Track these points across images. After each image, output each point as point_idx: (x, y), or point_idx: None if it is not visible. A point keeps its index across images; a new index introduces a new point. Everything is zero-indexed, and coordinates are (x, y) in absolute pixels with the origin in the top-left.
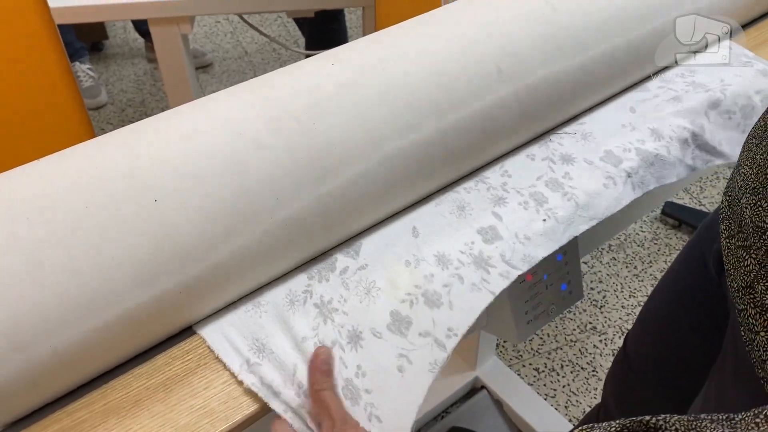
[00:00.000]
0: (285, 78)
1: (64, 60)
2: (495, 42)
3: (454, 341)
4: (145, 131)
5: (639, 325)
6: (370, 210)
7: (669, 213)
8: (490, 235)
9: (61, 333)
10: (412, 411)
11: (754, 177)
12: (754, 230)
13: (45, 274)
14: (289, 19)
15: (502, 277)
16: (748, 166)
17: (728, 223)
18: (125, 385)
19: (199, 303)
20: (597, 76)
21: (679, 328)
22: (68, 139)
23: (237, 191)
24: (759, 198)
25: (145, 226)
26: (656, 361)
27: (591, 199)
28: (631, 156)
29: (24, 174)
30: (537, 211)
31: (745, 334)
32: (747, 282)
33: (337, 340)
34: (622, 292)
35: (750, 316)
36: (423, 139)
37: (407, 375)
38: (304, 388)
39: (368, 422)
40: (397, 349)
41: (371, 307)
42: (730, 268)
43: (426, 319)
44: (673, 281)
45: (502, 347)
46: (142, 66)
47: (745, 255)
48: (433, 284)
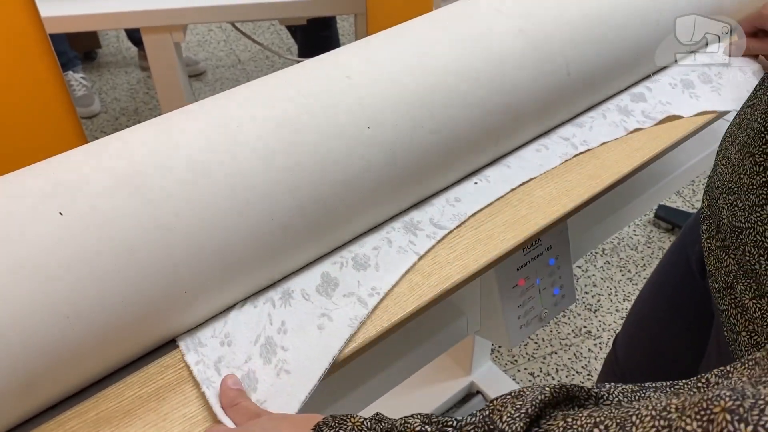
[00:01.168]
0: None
1: (56, 69)
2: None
3: (376, 299)
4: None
5: (627, 328)
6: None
7: (662, 216)
8: (422, 203)
9: (52, 341)
10: (326, 360)
11: (729, 177)
12: (731, 230)
13: (37, 279)
14: (281, 27)
15: (428, 238)
16: (724, 165)
17: (708, 224)
18: (117, 395)
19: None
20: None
21: (666, 330)
22: (61, 148)
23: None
24: (734, 198)
25: (142, 234)
26: (645, 363)
27: (524, 162)
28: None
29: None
30: (470, 178)
31: (727, 334)
32: (727, 282)
33: (271, 297)
34: (616, 296)
35: (731, 316)
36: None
37: (326, 331)
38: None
39: (277, 378)
40: (320, 310)
41: (306, 268)
42: (711, 269)
43: (352, 281)
44: (658, 283)
45: (497, 352)
46: (135, 74)
47: (724, 255)
48: (364, 248)
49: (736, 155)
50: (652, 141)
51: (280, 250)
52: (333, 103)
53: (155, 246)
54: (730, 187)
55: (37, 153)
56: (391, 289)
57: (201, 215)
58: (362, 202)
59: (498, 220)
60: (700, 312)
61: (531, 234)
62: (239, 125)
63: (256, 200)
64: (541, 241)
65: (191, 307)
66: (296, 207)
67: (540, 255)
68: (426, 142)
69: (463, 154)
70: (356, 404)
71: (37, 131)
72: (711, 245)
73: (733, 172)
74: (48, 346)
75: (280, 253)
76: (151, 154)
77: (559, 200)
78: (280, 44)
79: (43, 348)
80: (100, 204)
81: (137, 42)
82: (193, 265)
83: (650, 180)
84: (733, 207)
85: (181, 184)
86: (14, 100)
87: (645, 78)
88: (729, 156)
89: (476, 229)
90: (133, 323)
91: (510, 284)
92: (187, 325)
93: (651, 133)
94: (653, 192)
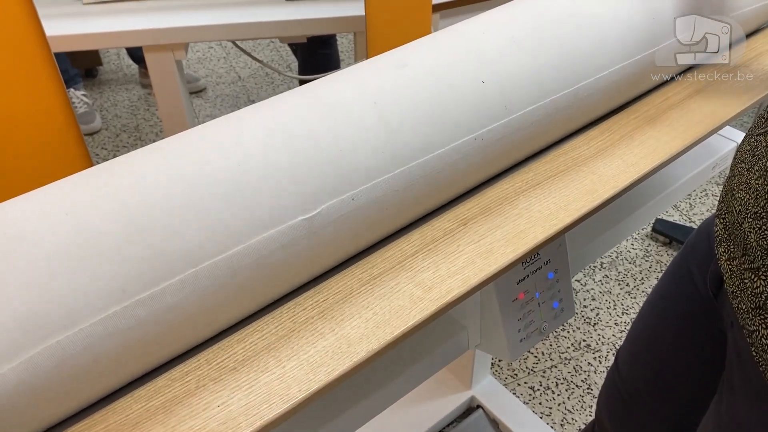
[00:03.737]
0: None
1: (60, 87)
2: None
3: None
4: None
5: (629, 344)
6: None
7: (659, 230)
8: None
9: (64, 358)
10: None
11: (753, 202)
12: (762, 253)
13: (56, 285)
14: (281, 45)
15: None
16: (743, 191)
17: (727, 246)
18: (125, 408)
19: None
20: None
21: (670, 345)
22: (65, 164)
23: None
24: (763, 222)
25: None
26: (648, 378)
27: None
28: None
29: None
30: None
31: (757, 354)
32: (757, 303)
33: None
34: (615, 310)
35: (763, 336)
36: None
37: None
38: None
39: None
40: None
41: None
42: (735, 290)
43: None
44: (660, 299)
45: (497, 366)
46: (136, 92)
47: (753, 277)
48: None
49: (758, 181)
50: (648, 156)
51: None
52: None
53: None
54: (757, 212)
55: (42, 169)
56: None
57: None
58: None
59: (498, 234)
60: (708, 330)
61: (530, 248)
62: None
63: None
64: (540, 255)
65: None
66: None
67: (539, 269)
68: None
69: None
70: (358, 419)
71: (42, 148)
72: (734, 267)
73: (758, 197)
74: (65, 362)
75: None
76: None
77: (557, 215)
78: (279, 61)
79: (60, 363)
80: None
81: (138, 59)
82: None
83: (647, 194)
84: (763, 230)
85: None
86: (20, 117)
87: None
88: (748, 182)
89: (476, 243)
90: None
91: (510, 298)
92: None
93: (647, 148)
94: (650, 206)
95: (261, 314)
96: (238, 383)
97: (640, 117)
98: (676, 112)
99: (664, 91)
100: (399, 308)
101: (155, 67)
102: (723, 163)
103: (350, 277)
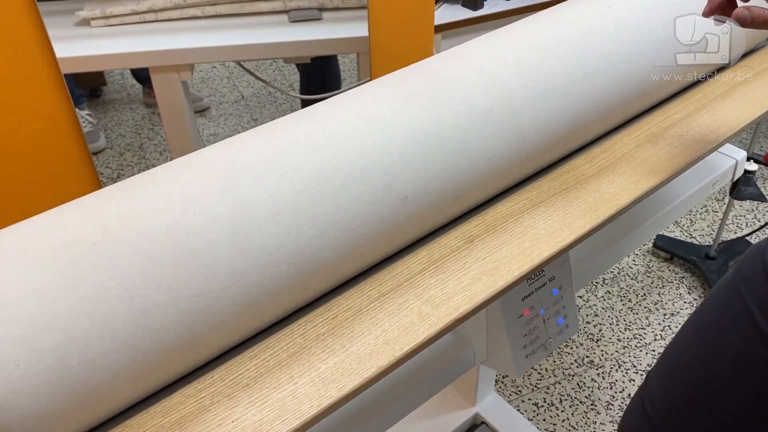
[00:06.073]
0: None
1: (70, 107)
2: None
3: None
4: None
5: (665, 379)
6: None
7: (661, 246)
8: None
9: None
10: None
11: None
12: None
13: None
14: (283, 65)
15: None
16: None
17: None
18: (141, 424)
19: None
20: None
21: (717, 386)
22: (73, 183)
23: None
24: None
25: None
26: (689, 412)
27: None
28: None
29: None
30: None
31: None
32: None
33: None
34: (618, 325)
35: None
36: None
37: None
38: None
39: None
40: None
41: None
42: None
43: None
44: (713, 334)
45: (501, 383)
46: (140, 111)
47: None
48: None
49: None
50: (649, 173)
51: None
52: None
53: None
54: None
55: (51, 187)
56: None
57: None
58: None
59: (503, 252)
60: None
61: (535, 265)
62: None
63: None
64: (544, 272)
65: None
66: None
67: (544, 285)
68: None
69: None
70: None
71: (51, 166)
72: None
73: None
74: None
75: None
76: None
77: (561, 232)
78: (282, 80)
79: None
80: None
81: (142, 80)
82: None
83: (648, 211)
84: None
85: None
86: (29, 137)
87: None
88: None
89: (482, 260)
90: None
91: (515, 314)
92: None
93: (648, 166)
94: (651, 223)
95: (273, 331)
96: (251, 399)
97: (640, 135)
98: (677, 129)
99: (665, 110)
100: (408, 325)
101: (161, 88)
102: (723, 179)
103: (359, 295)
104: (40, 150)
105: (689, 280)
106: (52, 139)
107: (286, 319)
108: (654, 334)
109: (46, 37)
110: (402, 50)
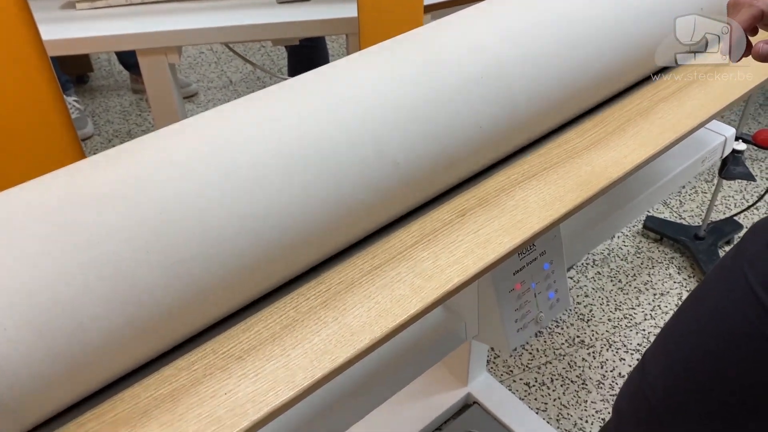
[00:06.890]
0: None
1: (57, 91)
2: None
3: None
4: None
5: (664, 357)
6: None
7: (650, 227)
8: None
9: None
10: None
11: None
12: None
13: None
14: (272, 48)
15: None
16: None
17: None
18: (133, 396)
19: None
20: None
21: (718, 359)
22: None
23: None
24: None
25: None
26: (690, 393)
27: None
28: None
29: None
30: None
31: None
32: None
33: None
34: (608, 306)
35: None
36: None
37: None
38: None
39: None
40: None
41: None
42: None
43: None
44: (715, 316)
45: (492, 363)
46: (127, 97)
47: None
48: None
49: None
50: (640, 147)
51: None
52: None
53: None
54: None
55: (39, 173)
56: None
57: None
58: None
59: (495, 225)
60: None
61: (527, 237)
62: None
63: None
64: (535, 246)
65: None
66: None
67: (535, 260)
68: None
69: None
70: (356, 414)
71: (38, 152)
72: None
73: None
74: (71, 346)
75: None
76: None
77: (552, 205)
78: (270, 65)
79: (64, 349)
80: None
81: (129, 66)
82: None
83: (638, 188)
84: None
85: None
86: (16, 122)
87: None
88: None
89: (474, 233)
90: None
91: (507, 288)
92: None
93: (638, 141)
94: (641, 200)
95: (265, 304)
96: (244, 371)
97: (632, 109)
98: (667, 104)
99: (655, 85)
100: (400, 297)
101: (149, 71)
102: (712, 156)
103: (352, 268)
104: (27, 136)
105: (679, 261)
106: (40, 123)
107: (278, 291)
108: (644, 314)
109: (32, 19)
110: (391, 31)
